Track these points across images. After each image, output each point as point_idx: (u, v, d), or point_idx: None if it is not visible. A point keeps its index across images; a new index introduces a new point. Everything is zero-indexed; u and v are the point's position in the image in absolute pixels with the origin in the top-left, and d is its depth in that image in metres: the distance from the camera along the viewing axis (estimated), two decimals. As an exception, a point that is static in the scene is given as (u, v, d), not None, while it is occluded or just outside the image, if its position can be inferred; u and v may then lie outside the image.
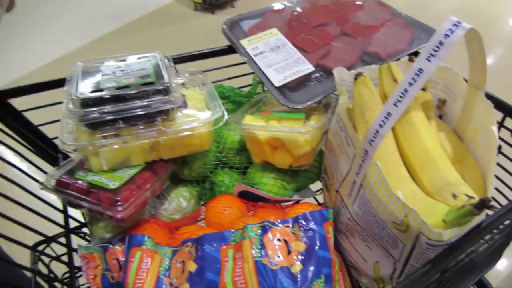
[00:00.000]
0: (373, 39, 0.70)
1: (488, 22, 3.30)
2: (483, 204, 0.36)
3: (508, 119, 0.56)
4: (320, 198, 0.72)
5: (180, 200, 0.63)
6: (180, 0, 4.20)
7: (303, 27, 0.72)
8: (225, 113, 0.58)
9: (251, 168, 0.66)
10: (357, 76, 0.52)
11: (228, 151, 0.66)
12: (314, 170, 0.66)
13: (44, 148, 0.67)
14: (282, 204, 0.65)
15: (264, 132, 0.58)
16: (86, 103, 0.51)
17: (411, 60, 0.55)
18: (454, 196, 0.42)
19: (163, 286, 0.52)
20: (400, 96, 0.43)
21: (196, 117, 0.58)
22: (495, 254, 0.58)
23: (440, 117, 0.57)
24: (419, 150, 0.48)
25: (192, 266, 0.53)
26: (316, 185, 0.71)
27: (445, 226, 0.39)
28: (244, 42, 0.68)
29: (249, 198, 0.64)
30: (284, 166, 0.62)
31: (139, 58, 0.61)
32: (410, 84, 0.43)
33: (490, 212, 0.41)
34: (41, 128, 0.67)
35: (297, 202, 0.66)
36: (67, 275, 0.64)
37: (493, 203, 0.37)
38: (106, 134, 0.54)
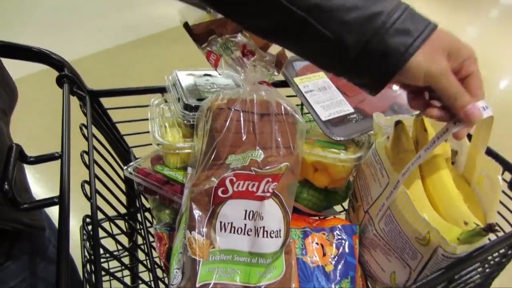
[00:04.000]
0: (401, 93, 0.85)
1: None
2: (490, 228, 0.49)
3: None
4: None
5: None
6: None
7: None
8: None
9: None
10: (397, 123, 0.66)
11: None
12: (342, 194, 0.79)
13: (118, 142, 0.79)
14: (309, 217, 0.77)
15: (312, 156, 0.71)
16: (195, 108, 0.66)
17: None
18: (465, 223, 0.56)
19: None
20: (430, 145, 0.57)
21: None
22: (487, 282, 0.71)
23: (453, 163, 0.71)
24: (440, 187, 0.61)
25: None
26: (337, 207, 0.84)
27: (459, 242, 0.52)
28: (297, 80, 0.82)
29: (286, 209, 0.76)
30: (321, 185, 0.74)
31: (219, 75, 0.75)
32: (438, 138, 0.56)
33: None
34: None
35: (324, 217, 0.78)
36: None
37: (497, 228, 0.50)
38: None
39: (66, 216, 0.45)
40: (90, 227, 0.86)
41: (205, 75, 0.75)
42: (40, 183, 2.06)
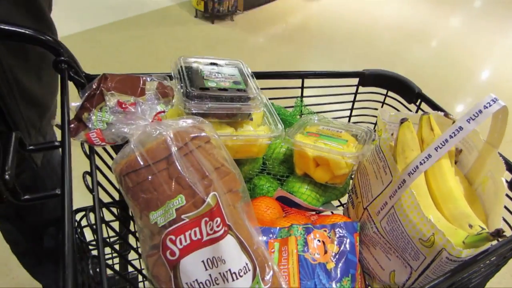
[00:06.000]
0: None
1: (462, 73, 3.61)
2: (498, 233, 0.49)
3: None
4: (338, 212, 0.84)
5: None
6: (182, 5, 4.29)
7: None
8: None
9: (292, 178, 0.77)
10: (403, 121, 0.65)
11: (273, 160, 0.78)
12: (340, 189, 0.79)
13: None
14: (307, 212, 0.76)
15: (314, 150, 0.70)
16: (197, 96, 0.64)
17: (446, 116, 0.68)
18: (470, 225, 0.56)
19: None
20: (441, 144, 0.57)
21: (260, 129, 0.69)
22: (483, 283, 0.72)
23: (455, 163, 0.71)
24: (444, 187, 0.61)
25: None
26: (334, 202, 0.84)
27: (464, 246, 0.52)
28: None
29: (285, 202, 0.75)
30: (321, 181, 0.74)
31: (226, 64, 0.73)
32: (451, 136, 0.56)
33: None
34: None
35: (320, 212, 0.78)
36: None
37: (505, 233, 0.50)
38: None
39: (69, 208, 0.43)
40: (80, 214, 0.83)
41: (211, 63, 0.72)
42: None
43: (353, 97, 0.96)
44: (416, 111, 0.89)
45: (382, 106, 0.94)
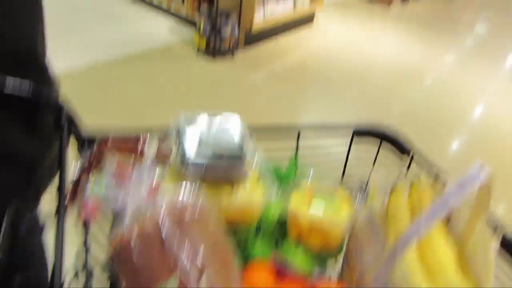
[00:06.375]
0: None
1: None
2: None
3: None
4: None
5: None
6: (184, 42, 4.37)
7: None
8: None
9: (286, 242, 0.77)
10: (393, 189, 0.66)
11: (268, 224, 0.78)
12: (334, 255, 0.79)
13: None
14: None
15: (307, 218, 0.71)
16: (193, 163, 0.66)
17: (436, 179, 0.69)
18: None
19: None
20: (431, 214, 0.57)
21: (255, 193, 0.71)
22: None
23: (448, 219, 0.70)
24: (434, 258, 0.62)
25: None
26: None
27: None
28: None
29: (279, 267, 0.75)
30: (315, 247, 0.74)
31: (223, 121, 0.75)
32: (440, 207, 0.57)
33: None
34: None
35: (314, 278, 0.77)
36: None
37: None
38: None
39: None
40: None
41: (208, 123, 0.73)
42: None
43: (347, 150, 0.97)
44: (408, 166, 0.89)
45: (375, 160, 0.94)
